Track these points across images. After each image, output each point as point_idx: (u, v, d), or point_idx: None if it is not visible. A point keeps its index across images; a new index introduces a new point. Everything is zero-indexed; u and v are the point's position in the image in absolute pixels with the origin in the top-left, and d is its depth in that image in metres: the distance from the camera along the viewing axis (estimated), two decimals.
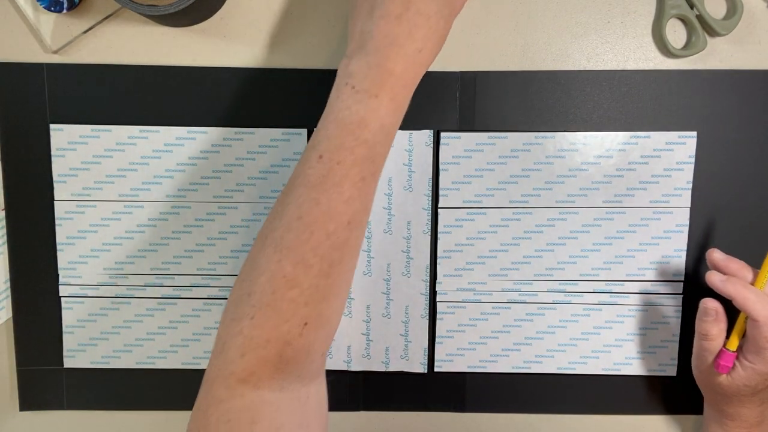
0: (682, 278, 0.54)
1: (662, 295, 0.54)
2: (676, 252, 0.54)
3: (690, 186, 0.53)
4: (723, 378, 0.48)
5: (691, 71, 0.53)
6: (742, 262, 0.49)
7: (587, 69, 0.53)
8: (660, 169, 0.53)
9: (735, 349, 0.48)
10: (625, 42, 0.53)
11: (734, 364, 0.47)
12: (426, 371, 0.55)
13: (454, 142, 0.53)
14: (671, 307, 0.54)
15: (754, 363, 0.46)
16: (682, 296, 0.54)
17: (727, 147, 0.53)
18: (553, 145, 0.53)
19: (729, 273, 0.48)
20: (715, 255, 0.49)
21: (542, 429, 0.56)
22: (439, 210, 0.53)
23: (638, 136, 0.53)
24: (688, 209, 0.53)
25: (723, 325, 0.48)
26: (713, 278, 0.47)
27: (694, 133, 0.53)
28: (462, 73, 0.53)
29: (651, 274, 0.54)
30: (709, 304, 0.48)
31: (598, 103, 0.53)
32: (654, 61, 0.53)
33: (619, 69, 0.53)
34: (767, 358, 0.46)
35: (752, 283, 0.47)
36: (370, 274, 0.54)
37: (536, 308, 0.54)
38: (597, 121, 0.53)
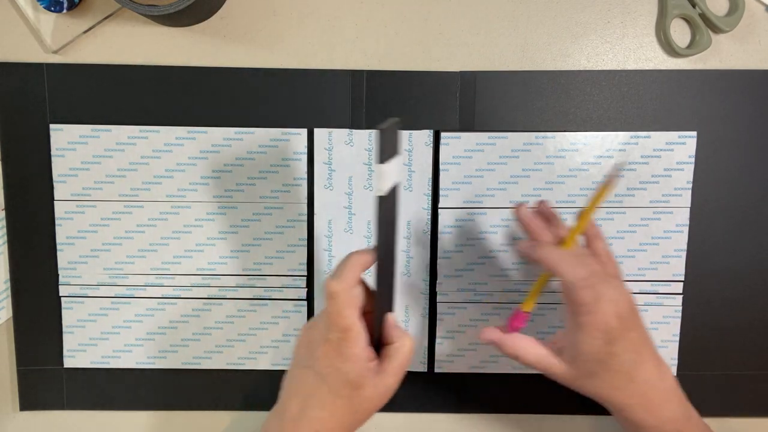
0: (682, 278, 0.54)
1: (662, 295, 0.54)
2: (676, 252, 0.54)
3: (690, 186, 0.53)
4: (560, 369, 0.45)
5: (691, 71, 0.53)
6: (551, 215, 0.49)
7: (587, 69, 0.53)
8: (660, 169, 0.53)
9: (529, 310, 0.47)
10: (625, 42, 0.53)
11: (555, 347, 0.46)
12: (426, 371, 0.55)
13: (454, 142, 0.53)
14: (671, 307, 0.54)
15: (574, 335, 0.44)
16: (681, 296, 0.54)
17: (726, 147, 0.53)
18: (554, 145, 0.53)
19: (533, 230, 0.48)
20: (523, 211, 0.48)
21: (542, 430, 0.56)
22: (439, 210, 0.53)
23: (638, 136, 0.53)
24: (688, 209, 0.53)
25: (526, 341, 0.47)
26: (520, 246, 0.47)
27: (694, 133, 0.53)
28: (462, 73, 0.53)
29: (651, 274, 0.54)
30: (485, 336, 0.48)
31: (598, 103, 0.53)
32: (654, 61, 0.53)
33: (618, 69, 0.53)
34: (582, 325, 0.43)
35: (561, 243, 0.46)
36: (370, 273, 0.54)
37: (537, 308, 0.54)
38: (597, 121, 0.53)
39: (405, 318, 0.54)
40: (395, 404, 0.55)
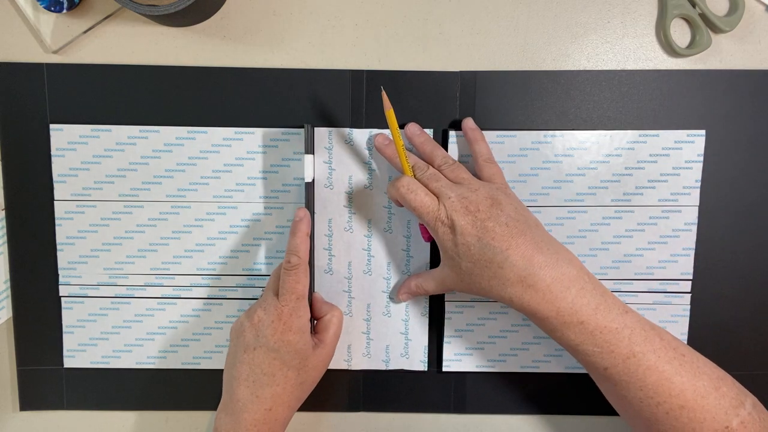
0: (691, 277, 0.54)
1: (671, 294, 0.54)
2: (684, 250, 0.54)
3: (699, 184, 0.53)
4: (451, 279, 0.48)
5: (691, 71, 0.53)
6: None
7: (587, 69, 0.53)
8: (669, 167, 0.53)
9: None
10: (625, 42, 0.53)
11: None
12: (426, 369, 0.55)
13: (462, 141, 0.53)
14: (679, 306, 0.54)
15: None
16: (690, 295, 0.54)
17: (735, 145, 0.53)
18: (562, 144, 0.53)
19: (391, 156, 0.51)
20: (379, 140, 0.52)
21: (548, 429, 0.56)
22: None
23: (647, 135, 0.53)
24: (697, 207, 0.53)
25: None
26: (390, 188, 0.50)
27: (703, 132, 0.53)
28: (462, 73, 0.53)
29: (659, 273, 0.54)
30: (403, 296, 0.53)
31: (598, 103, 0.53)
32: (654, 60, 0.53)
33: (619, 69, 0.53)
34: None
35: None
36: (370, 273, 0.54)
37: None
38: (597, 122, 0.53)
39: (405, 316, 0.54)
40: (395, 404, 0.55)
